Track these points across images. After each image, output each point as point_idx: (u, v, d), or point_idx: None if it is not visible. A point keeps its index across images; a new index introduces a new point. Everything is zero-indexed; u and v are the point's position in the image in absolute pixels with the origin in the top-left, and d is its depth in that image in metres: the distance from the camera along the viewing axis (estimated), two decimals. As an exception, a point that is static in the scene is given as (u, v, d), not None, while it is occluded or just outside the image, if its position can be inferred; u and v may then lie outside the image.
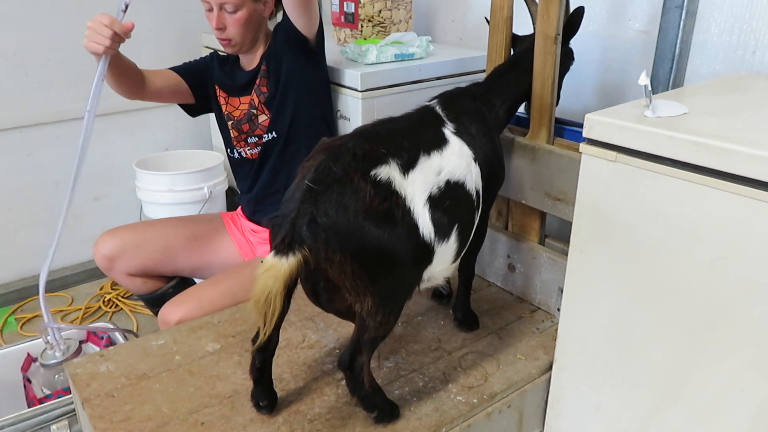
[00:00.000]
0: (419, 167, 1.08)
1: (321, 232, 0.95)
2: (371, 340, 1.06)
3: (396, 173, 1.04)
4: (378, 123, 1.17)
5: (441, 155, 1.14)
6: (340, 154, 1.01)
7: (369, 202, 0.98)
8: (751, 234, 0.90)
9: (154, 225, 1.80)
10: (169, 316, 1.51)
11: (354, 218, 0.97)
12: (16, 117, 2.29)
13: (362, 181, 0.99)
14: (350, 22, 2.11)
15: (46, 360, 1.57)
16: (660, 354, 1.06)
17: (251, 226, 1.81)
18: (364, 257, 0.98)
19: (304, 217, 0.95)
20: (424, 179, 1.08)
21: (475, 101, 1.31)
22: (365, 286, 0.99)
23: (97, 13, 1.48)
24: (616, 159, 1.03)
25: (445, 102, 1.27)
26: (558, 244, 1.51)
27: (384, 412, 1.14)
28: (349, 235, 0.96)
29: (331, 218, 0.95)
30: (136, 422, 1.14)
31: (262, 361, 1.11)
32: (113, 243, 1.71)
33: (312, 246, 0.94)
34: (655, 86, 1.53)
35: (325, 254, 0.95)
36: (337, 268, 0.97)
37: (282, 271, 0.93)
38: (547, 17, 1.35)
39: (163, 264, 1.73)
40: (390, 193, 1.02)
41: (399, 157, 1.06)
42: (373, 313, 1.02)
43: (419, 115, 1.24)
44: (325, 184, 0.97)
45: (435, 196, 1.09)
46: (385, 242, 1.00)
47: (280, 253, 0.94)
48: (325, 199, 0.96)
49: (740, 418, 0.99)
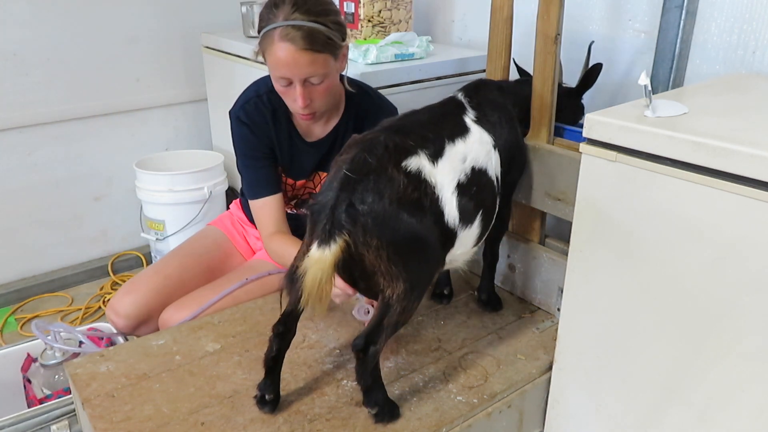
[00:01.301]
0: (446, 155, 1.14)
1: (360, 217, 1.00)
2: (394, 325, 1.09)
3: (426, 163, 1.10)
4: (403, 116, 1.22)
5: (464, 143, 1.20)
6: (374, 146, 1.06)
7: (402, 190, 1.04)
8: (751, 234, 0.90)
9: (171, 275, 1.64)
10: (170, 320, 1.51)
11: (389, 206, 1.02)
12: (16, 117, 2.29)
13: (395, 171, 1.05)
14: (350, 22, 2.11)
15: (46, 360, 1.57)
16: (660, 354, 1.06)
17: (255, 233, 1.76)
18: (398, 243, 1.03)
19: (342, 204, 1.00)
20: (451, 167, 1.14)
21: (501, 91, 1.38)
22: (398, 272, 1.04)
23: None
24: (616, 159, 1.03)
25: (468, 91, 1.33)
26: (558, 244, 1.51)
27: (384, 411, 1.14)
28: (385, 221, 1.02)
29: (368, 205, 1.01)
30: (136, 422, 1.14)
31: (278, 349, 1.14)
32: (135, 309, 1.56)
33: (351, 231, 1.00)
34: (655, 86, 1.53)
35: (363, 239, 1.01)
36: (373, 253, 1.02)
37: (328, 261, 0.99)
38: (547, 17, 1.35)
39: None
40: (420, 182, 1.07)
41: (426, 148, 1.12)
42: (401, 298, 1.06)
43: (441, 105, 1.29)
44: (362, 174, 1.03)
45: (463, 183, 1.15)
46: (417, 229, 1.06)
47: (323, 243, 0.99)
48: (362, 186, 1.02)
49: (740, 417, 0.99)
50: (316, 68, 1.34)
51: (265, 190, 1.51)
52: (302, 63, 1.32)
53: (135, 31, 2.45)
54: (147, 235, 2.42)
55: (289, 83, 1.37)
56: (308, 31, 1.31)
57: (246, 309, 1.50)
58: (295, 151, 1.56)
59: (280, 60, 1.33)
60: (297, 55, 1.31)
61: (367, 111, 1.55)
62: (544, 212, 1.49)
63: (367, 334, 1.08)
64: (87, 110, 2.42)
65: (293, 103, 1.41)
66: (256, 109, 1.50)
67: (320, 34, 1.32)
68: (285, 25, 1.30)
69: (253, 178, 1.52)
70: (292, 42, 1.31)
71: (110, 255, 2.65)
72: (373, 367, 1.11)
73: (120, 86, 2.48)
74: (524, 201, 1.48)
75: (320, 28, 1.32)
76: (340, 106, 1.55)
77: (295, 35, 1.30)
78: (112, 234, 2.65)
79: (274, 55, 1.33)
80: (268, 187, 1.51)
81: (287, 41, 1.31)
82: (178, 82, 2.61)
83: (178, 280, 1.63)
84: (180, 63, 2.59)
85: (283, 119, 1.52)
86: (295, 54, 1.31)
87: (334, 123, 1.55)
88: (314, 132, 1.56)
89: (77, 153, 2.46)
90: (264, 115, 1.50)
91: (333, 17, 1.37)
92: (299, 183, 1.62)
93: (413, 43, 1.96)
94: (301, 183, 1.62)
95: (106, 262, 2.61)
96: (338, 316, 1.47)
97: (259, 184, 1.52)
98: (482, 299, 1.51)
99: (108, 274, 2.59)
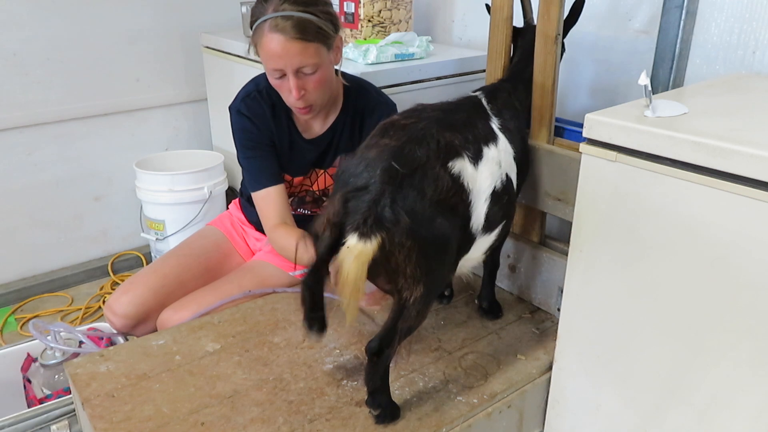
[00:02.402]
0: (485, 159, 1.11)
1: (403, 215, 0.95)
2: (408, 328, 1.06)
3: (468, 165, 1.06)
4: (446, 109, 1.15)
5: (496, 149, 1.16)
6: (425, 139, 1.01)
7: (445, 192, 1.00)
8: (751, 234, 0.90)
9: (168, 274, 1.63)
10: (168, 321, 1.51)
11: (429, 206, 0.98)
12: (16, 117, 2.28)
13: (442, 170, 1.00)
14: (350, 22, 2.11)
15: (46, 360, 1.57)
16: (660, 354, 1.06)
17: (255, 234, 1.76)
18: (428, 247, 0.99)
19: (387, 198, 0.94)
20: (490, 171, 1.11)
21: (510, 96, 1.34)
22: (422, 275, 1.00)
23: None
24: (616, 159, 1.03)
25: (489, 95, 1.29)
26: (558, 244, 1.51)
27: (386, 413, 1.14)
28: (423, 222, 0.97)
29: (409, 203, 0.96)
30: (136, 422, 1.14)
31: (315, 293, 1.04)
32: (133, 308, 1.55)
33: (391, 229, 0.94)
34: (655, 86, 1.54)
35: (399, 239, 0.95)
36: (404, 254, 0.97)
37: (367, 255, 0.93)
38: (547, 17, 1.35)
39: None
40: (459, 186, 1.04)
41: (468, 150, 1.07)
42: (418, 302, 1.02)
43: (471, 106, 1.24)
44: (410, 168, 0.97)
45: (498, 190, 1.12)
46: (446, 234, 1.02)
47: (365, 237, 0.93)
48: (408, 182, 0.96)
49: (740, 418, 0.99)
50: (307, 58, 1.35)
51: (267, 181, 1.51)
52: (293, 52, 1.33)
53: (135, 31, 2.45)
54: (147, 235, 2.42)
55: (282, 75, 1.38)
56: (298, 20, 1.32)
57: (246, 309, 1.50)
58: (294, 147, 1.56)
59: (271, 51, 1.34)
60: (288, 44, 1.32)
61: (365, 108, 1.55)
62: (544, 212, 1.49)
63: (381, 337, 1.05)
64: (87, 110, 2.42)
65: (288, 95, 1.42)
66: (257, 102, 1.51)
67: (310, 24, 1.33)
68: (275, 17, 1.32)
69: (256, 169, 1.52)
70: (282, 32, 1.32)
71: (110, 255, 2.65)
72: (384, 371, 1.10)
73: (120, 86, 2.48)
74: (524, 201, 1.48)
75: (310, 18, 1.33)
76: (338, 103, 1.55)
77: (285, 25, 1.32)
78: (112, 234, 2.65)
79: (266, 47, 1.34)
80: (270, 178, 1.51)
81: (277, 32, 1.32)
82: (178, 82, 2.61)
83: (176, 279, 1.62)
84: (180, 63, 2.59)
85: (282, 115, 1.52)
86: (286, 44, 1.32)
87: (332, 120, 1.55)
88: (313, 128, 1.56)
89: (77, 153, 2.46)
90: (264, 108, 1.50)
91: (322, 7, 1.38)
92: (297, 180, 1.62)
93: (413, 43, 1.97)
94: (298, 180, 1.62)
95: (106, 262, 2.61)
96: (338, 316, 1.47)
97: (261, 174, 1.51)
98: (483, 307, 1.49)
99: (108, 274, 2.59)
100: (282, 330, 1.42)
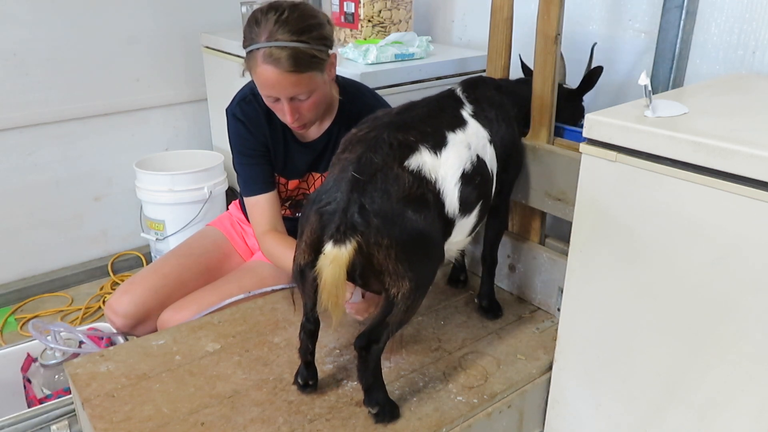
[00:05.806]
0: (450, 144, 1.15)
1: (372, 218, 1.01)
2: (398, 324, 1.09)
3: (427, 158, 1.11)
4: (401, 111, 1.21)
5: (464, 133, 1.21)
6: (378, 145, 1.08)
7: (408, 188, 1.05)
8: (751, 234, 0.90)
9: (169, 274, 1.63)
10: (168, 322, 1.51)
11: (396, 204, 1.03)
12: (16, 117, 2.29)
13: (400, 169, 1.06)
14: (350, 22, 2.11)
15: (46, 360, 1.57)
16: (660, 354, 1.06)
17: (254, 233, 1.77)
18: (405, 242, 1.04)
19: (354, 205, 1.01)
20: (457, 154, 1.15)
21: (500, 90, 1.38)
22: (404, 270, 1.04)
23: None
24: (616, 159, 1.03)
25: (467, 86, 1.34)
26: (558, 244, 1.51)
27: (385, 411, 1.14)
28: (394, 220, 1.03)
29: (377, 205, 1.02)
30: (136, 422, 1.14)
31: (313, 343, 1.18)
32: (134, 308, 1.56)
33: (364, 232, 1.00)
34: (655, 86, 1.53)
35: (375, 239, 1.01)
36: (383, 253, 1.02)
37: (344, 259, 0.99)
38: (547, 17, 1.35)
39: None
40: (422, 179, 1.08)
41: (426, 142, 1.12)
42: (406, 297, 1.06)
43: (439, 98, 1.30)
44: (368, 174, 1.04)
45: (468, 172, 1.16)
46: (422, 226, 1.06)
47: (339, 243, 0.99)
48: (371, 187, 1.03)
49: (740, 418, 0.99)
50: (301, 88, 1.35)
51: (259, 187, 1.52)
52: (287, 84, 1.33)
53: (135, 31, 2.45)
54: (147, 235, 2.42)
55: (276, 99, 1.38)
56: (291, 52, 1.30)
57: (246, 309, 1.50)
58: (289, 151, 1.56)
59: (265, 81, 1.33)
60: (281, 77, 1.31)
61: (360, 112, 1.54)
62: (544, 212, 1.49)
63: (369, 333, 1.08)
64: (87, 110, 2.42)
65: (283, 116, 1.42)
66: (252, 106, 1.51)
67: (304, 55, 1.31)
68: (268, 47, 1.29)
69: (248, 175, 1.53)
70: (275, 65, 1.30)
71: (110, 255, 2.65)
72: (374, 366, 1.11)
73: (120, 86, 2.48)
74: (524, 201, 1.48)
75: (304, 48, 1.31)
76: (334, 108, 1.55)
77: (279, 56, 1.29)
78: (112, 234, 2.65)
79: (260, 76, 1.34)
80: (262, 185, 1.52)
81: (271, 63, 1.30)
82: (178, 82, 2.61)
83: (176, 279, 1.63)
84: (180, 63, 2.59)
85: (277, 119, 1.51)
86: (280, 76, 1.31)
87: (327, 124, 1.55)
88: (308, 133, 1.56)
89: (77, 153, 2.46)
90: (259, 113, 1.50)
91: (316, 32, 1.34)
92: (292, 184, 1.62)
93: (413, 43, 1.97)
94: (294, 184, 1.62)
95: (106, 262, 2.61)
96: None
97: (253, 181, 1.52)
98: (483, 306, 1.49)
99: (108, 274, 2.59)
100: (282, 330, 1.42)
